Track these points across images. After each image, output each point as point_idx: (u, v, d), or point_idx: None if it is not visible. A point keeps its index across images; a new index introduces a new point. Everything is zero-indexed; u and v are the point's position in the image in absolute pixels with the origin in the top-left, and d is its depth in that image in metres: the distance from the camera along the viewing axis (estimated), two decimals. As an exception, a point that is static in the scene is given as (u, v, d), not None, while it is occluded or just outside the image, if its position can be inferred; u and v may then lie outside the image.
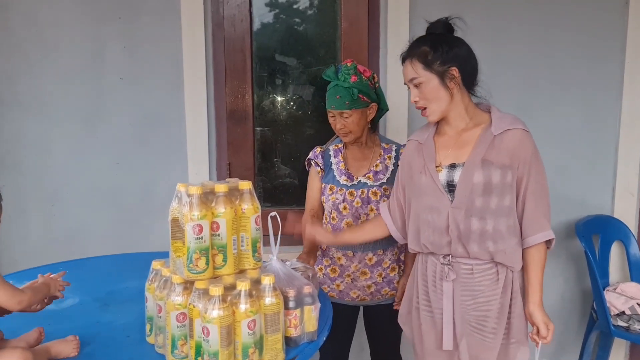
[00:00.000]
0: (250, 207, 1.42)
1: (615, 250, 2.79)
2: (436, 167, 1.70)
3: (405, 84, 1.74)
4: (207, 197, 1.38)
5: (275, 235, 1.56)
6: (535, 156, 1.65)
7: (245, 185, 1.44)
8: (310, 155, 2.19)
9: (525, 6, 2.64)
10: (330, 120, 2.08)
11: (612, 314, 2.57)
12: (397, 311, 2.09)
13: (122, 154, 2.64)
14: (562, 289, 2.86)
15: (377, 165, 2.10)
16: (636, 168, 2.75)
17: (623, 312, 2.57)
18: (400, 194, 1.85)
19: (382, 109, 2.13)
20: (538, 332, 1.67)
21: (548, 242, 1.69)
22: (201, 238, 1.34)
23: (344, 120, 2.03)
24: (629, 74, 2.68)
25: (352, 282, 2.12)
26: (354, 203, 2.06)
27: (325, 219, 2.15)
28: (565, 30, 2.66)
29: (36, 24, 2.54)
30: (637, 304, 2.57)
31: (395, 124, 2.66)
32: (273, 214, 1.59)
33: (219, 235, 1.37)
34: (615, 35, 2.68)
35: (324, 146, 2.21)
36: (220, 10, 2.63)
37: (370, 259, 2.10)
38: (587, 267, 2.63)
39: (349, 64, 2.05)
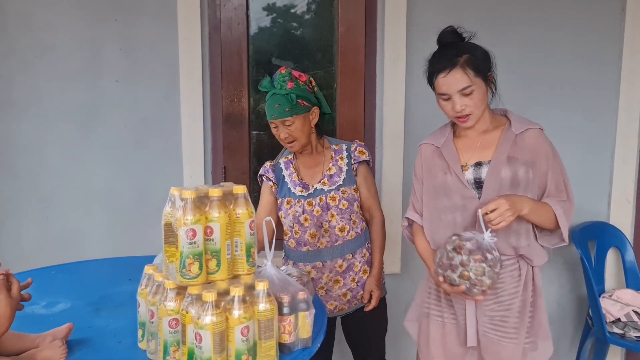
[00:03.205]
0: (244, 212, 1.40)
1: (611, 257, 2.78)
2: (461, 166, 1.73)
3: (440, 94, 1.67)
4: (201, 201, 1.36)
5: (270, 240, 1.55)
6: (554, 151, 1.72)
7: (240, 189, 1.42)
8: (261, 171, 2.13)
9: (523, 12, 2.64)
10: (274, 131, 2.01)
11: (608, 320, 2.56)
12: (375, 313, 2.06)
13: (117, 156, 2.62)
14: (558, 296, 2.86)
15: (330, 169, 2.06)
16: (632, 174, 2.75)
17: (619, 319, 2.57)
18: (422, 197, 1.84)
19: (325, 112, 2.07)
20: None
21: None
22: (194, 243, 1.32)
23: (287, 129, 1.97)
24: (626, 80, 2.69)
25: (326, 293, 2.07)
26: (314, 212, 2.02)
27: (286, 234, 2.09)
28: (562, 37, 2.67)
29: (32, 26, 2.52)
30: (633, 311, 2.57)
31: (392, 129, 2.66)
32: (268, 218, 1.59)
33: (212, 240, 1.36)
34: (612, 42, 2.68)
35: (274, 160, 2.14)
36: (217, 13, 2.62)
37: (340, 266, 2.05)
38: (583, 273, 2.63)
39: (283, 71, 1.98)
